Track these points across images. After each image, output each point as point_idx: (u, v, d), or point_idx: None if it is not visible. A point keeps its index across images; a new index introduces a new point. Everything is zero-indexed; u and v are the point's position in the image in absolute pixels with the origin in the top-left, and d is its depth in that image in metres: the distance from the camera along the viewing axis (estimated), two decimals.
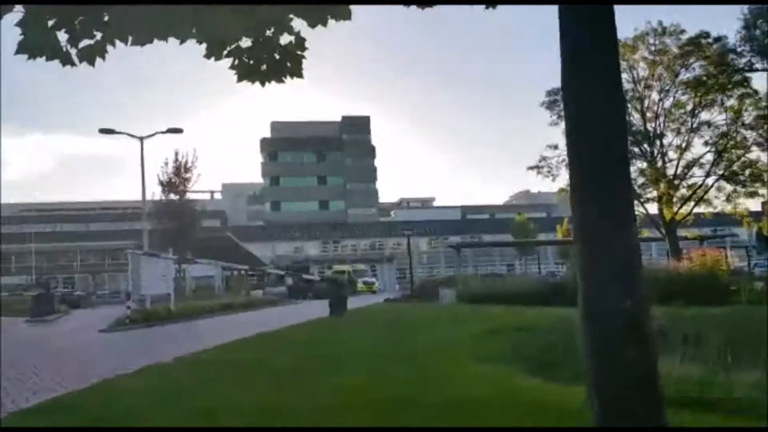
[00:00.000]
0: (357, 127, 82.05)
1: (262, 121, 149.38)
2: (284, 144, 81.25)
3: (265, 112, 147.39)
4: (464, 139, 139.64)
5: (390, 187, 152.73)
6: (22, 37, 3.49)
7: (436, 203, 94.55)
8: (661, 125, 26.69)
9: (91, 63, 3.72)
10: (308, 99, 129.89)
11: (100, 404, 6.15)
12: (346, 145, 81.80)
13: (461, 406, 5.27)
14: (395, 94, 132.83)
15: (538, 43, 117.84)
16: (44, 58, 3.62)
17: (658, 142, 26.80)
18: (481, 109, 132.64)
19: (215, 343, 11.27)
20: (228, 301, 28.67)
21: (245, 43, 3.96)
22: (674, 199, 26.21)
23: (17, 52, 3.50)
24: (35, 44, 3.52)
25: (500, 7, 4.07)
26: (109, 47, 3.76)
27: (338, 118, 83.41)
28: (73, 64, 3.68)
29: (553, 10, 3.69)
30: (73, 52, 3.66)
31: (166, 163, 35.43)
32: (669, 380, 4.16)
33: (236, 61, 4.01)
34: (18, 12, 3.41)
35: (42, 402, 6.64)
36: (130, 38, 3.68)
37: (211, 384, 6.91)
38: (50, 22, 3.50)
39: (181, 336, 15.78)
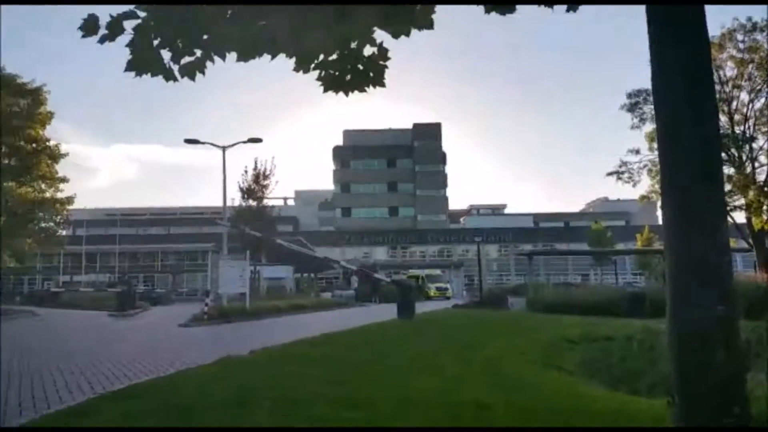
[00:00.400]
0: (428, 134, 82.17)
1: (335, 130, 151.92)
2: (356, 152, 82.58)
3: (338, 121, 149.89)
4: (537, 145, 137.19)
5: (460, 194, 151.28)
6: (131, 56, 3.75)
7: (507, 210, 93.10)
8: (751, 128, 25.00)
9: (192, 78, 3.95)
10: (380, 107, 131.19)
11: (180, 391, 6.36)
12: (417, 151, 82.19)
13: (539, 414, 5.13)
14: (466, 101, 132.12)
15: (615, 45, 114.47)
16: (149, 74, 3.86)
17: (747, 147, 25.07)
18: (556, 113, 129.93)
19: (289, 339, 11.46)
20: (299, 302, 29.26)
21: (331, 55, 4.09)
22: (764, 207, 24.63)
23: (126, 69, 3.78)
24: (142, 62, 3.80)
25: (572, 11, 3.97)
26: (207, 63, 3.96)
27: (409, 126, 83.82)
28: (175, 79, 3.93)
29: (631, 9, 3.58)
30: (175, 68, 3.90)
31: (246, 171, 37.13)
32: (753, 398, 3.90)
33: (322, 73, 4.15)
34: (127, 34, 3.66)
35: (129, 385, 6.95)
36: (227, 55, 3.89)
37: (287, 377, 7.01)
38: (155, 42, 3.75)
39: (257, 332, 16.19)
